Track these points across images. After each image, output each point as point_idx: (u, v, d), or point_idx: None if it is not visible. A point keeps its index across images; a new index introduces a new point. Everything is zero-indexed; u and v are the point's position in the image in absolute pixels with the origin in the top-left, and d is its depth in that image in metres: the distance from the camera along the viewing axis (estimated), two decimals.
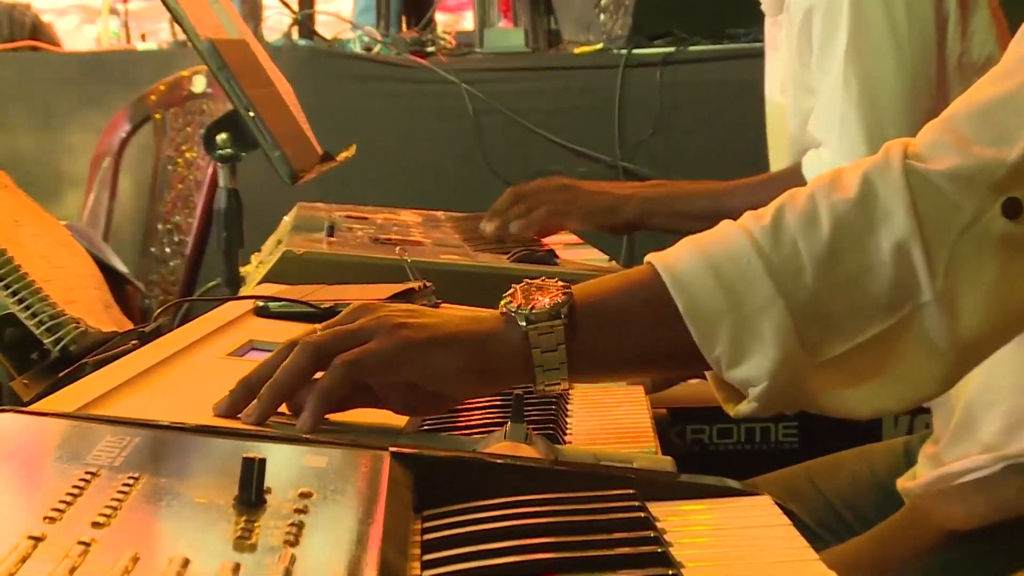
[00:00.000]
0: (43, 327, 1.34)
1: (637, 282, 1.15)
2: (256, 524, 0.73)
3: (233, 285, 2.43)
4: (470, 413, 1.30)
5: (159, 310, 1.53)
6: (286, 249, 2.08)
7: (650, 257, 1.17)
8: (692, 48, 4.26)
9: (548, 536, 0.78)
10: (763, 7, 2.64)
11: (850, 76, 2.33)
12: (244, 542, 0.70)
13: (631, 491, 0.88)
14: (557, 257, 2.23)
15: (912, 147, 1.15)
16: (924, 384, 1.10)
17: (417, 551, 0.79)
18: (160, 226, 3.49)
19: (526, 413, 1.14)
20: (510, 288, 1.20)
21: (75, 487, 0.75)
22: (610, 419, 1.33)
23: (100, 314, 1.46)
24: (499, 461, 0.95)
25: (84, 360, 1.31)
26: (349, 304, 1.61)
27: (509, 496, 0.87)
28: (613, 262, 2.33)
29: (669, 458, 1.11)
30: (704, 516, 0.89)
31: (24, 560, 0.63)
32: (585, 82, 4.31)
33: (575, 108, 4.27)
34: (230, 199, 2.45)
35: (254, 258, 2.56)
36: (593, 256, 2.40)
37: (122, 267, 3.10)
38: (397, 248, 2.06)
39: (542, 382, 1.14)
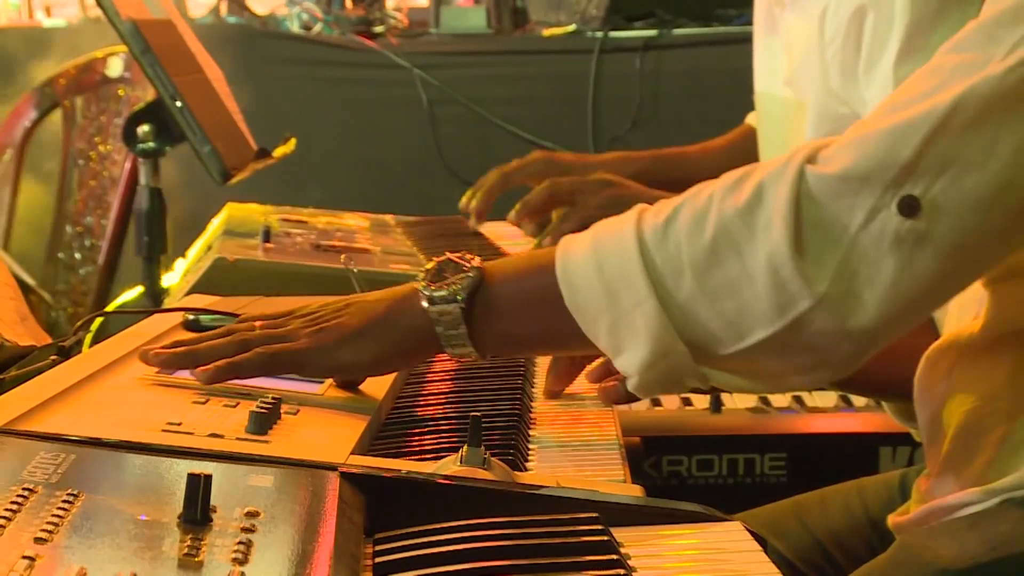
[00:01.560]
0: None
1: (540, 267, 1.36)
2: (203, 542, 0.82)
3: (155, 296, 2.50)
4: (423, 437, 1.38)
5: (80, 323, 1.61)
6: (217, 256, 2.16)
7: (563, 240, 1.37)
8: (676, 31, 4.34)
9: (506, 559, 0.87)
10: None
11: (901, 82, 2.43)
12: (191, 559, 0.79)
13: (593, 515, 0.97)
14: None
15: (822, 150, 1.30)
16: (826, 368, 1.29)
17: (369, 575, 0.88)
18: (69, 228, 3.55)
19: (485, 436, 1.23)
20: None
21: (13, 503, 0.83)
22: (576, 445, 1.42)
23: (16, 326, 1.54)
24: (455, 483, 1.04)
25: (1, 376, 1.39)
26: None
27: (465, 520, 0.95)
28: None
29: (638, 487, 1.20)
30: (672, 542, 0.98)
31: None
32: (555, 69, 4.38)
33: (544, 98, 4.34)
34: (152, 198, 2.51)
35: (178, 265, 2.64)
36: None
37: (25, 276, 3.17)
38: (342, 256, 2.14)
39: (452, 355, 1.40)
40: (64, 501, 0.86)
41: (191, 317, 1.73)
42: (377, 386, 1.51)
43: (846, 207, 1.25)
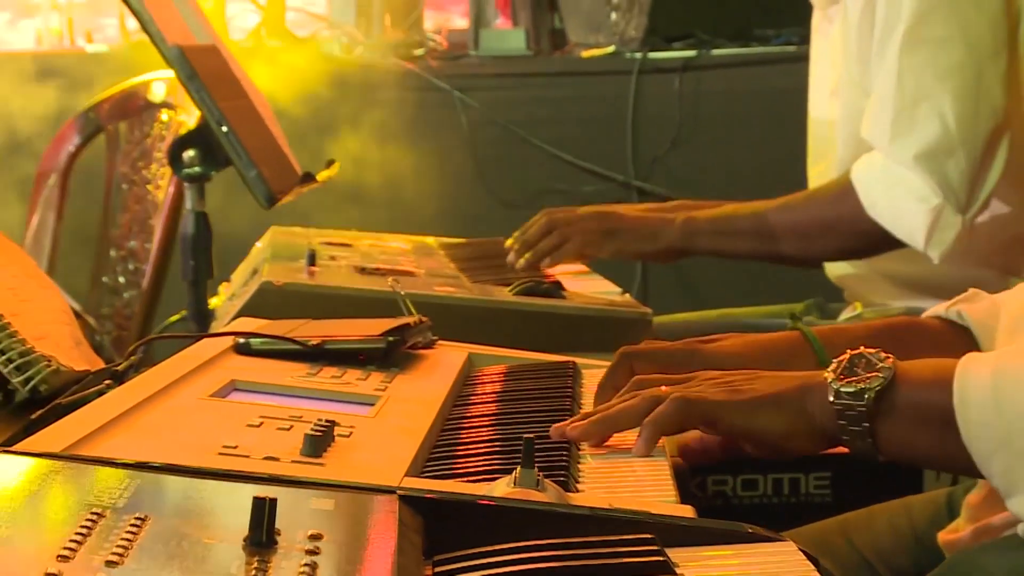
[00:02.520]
0: (11, 365, 1.45)
1: (944, 382, 1.37)
2: (269, 564, 0.84)
3: (201, 319, 2.53)
4: (474, 459, 1.40)
5: (133, 347, 1.64)
6: (264, 280, 2.18)
7: (964, 361, 1.38)
8: (715, 52, 4.37)
9: None
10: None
11: (905, 72, 2.44)
12: None
13: (649, 535, 0.99)
14: (564, 289, 2.33)
15: None
16: None
17: None
18: (113, 252, 3.57)
19: (536, 458, 1.25)
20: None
21: (83, 527, 0.85)
22: (626, 467, 1.44)
23: (71, 351, 1.56)
24: (511, 505, 1.05)
25: (57, 400, 1.42)
26: (339, 340, 1.74)
27: (521, 541, 0.97)
28: (626, 295, 2.44)
29: (689, 507, 1.22)
30: (725, 562, 1.00)
31: None
32: (594, 90, 4.41)
33: (583, 119, 4.36)
34: (198, 223, 2.54)
35: (223, 289, 2.66)
36: (603, 288, 2.50)
37: (70, 300, 3.20)
38: (389, 279, 2.16)
39: (850, 448, 1.41)
40: (132, 525, 0.88)
41: (242, 341, 1.76)
42: (427, 408, 1.53)
43: None
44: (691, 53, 4.35)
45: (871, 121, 2.53)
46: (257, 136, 2.56)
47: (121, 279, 3.54)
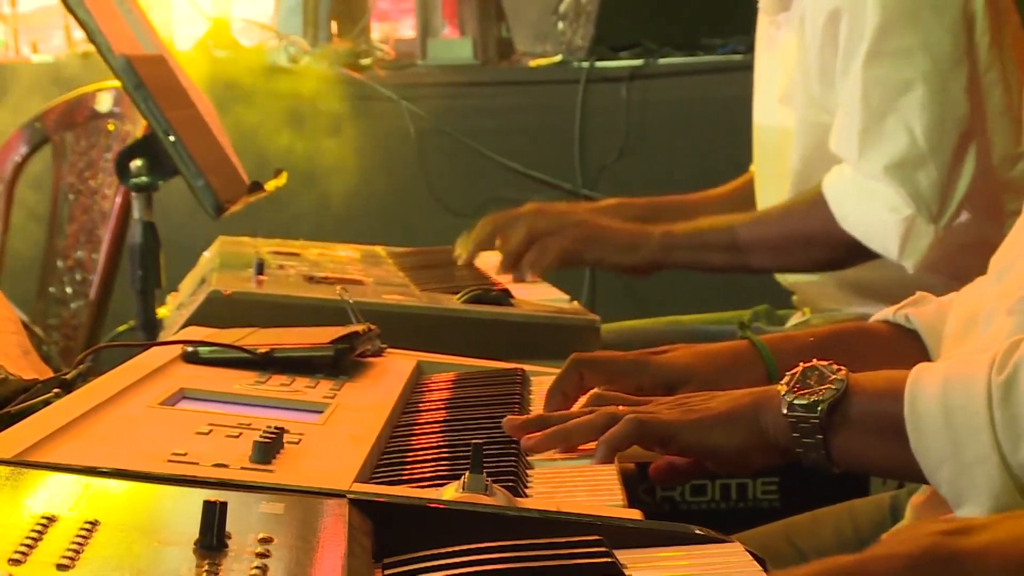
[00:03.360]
0: None
1: (895, 393, 1.39)
2: (219, 567, 0.85)
3: (150, 329, 2.53)
4: (423, 464, 1.41)
5: (82, 355, 1.64)
6: (212, 289, 2.18)
7: (915, 371, 1.40)
8: (662, 61, 4.39)
9: None
10: (760, 3, 2.77)
11: (870, 85, 2.47)
12: None
13: (597, 537, 1.00)
14: (512, 297, 2.34)
15: None
16: None
17: None
18: (60, 263, 3.56)
19: (484, 463, 1.26)
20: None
21: (34, 531, 0.86)
22: (574, 473, 1.45)
23: (19, 360, 1.57)
24: (459, 508, 1.06)
25: (6, 409, 1.42)
26: (288, 348, 1.74)
27: (470, 544, 0.98)
28: (575, 302, 2.45)
29: (637, 511, 1.23)
30: (674, 563, 1.01)
31: None
32: (542, 99, 4.43)
33: (531, 128, 4.38)
34: (146, 233, 2.54)
35: (171, 299, 2.66)
36: (552, 295, 2.51)
37: (17, 311, 3.18)
38: (337, 288, 2.17)
39: (803, 460, 1.43)
40: (83, 530, 0.89)
41: (190, 350, 1.76)
42: (376, 415, 1.54)
43: None
44: (638, 62, 4.37)
45: (838, 135, 2.56)
46: (204, 146, 2.56)
47: (68, 289, 3.53)
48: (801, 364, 1.44)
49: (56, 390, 1.53)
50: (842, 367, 1.42)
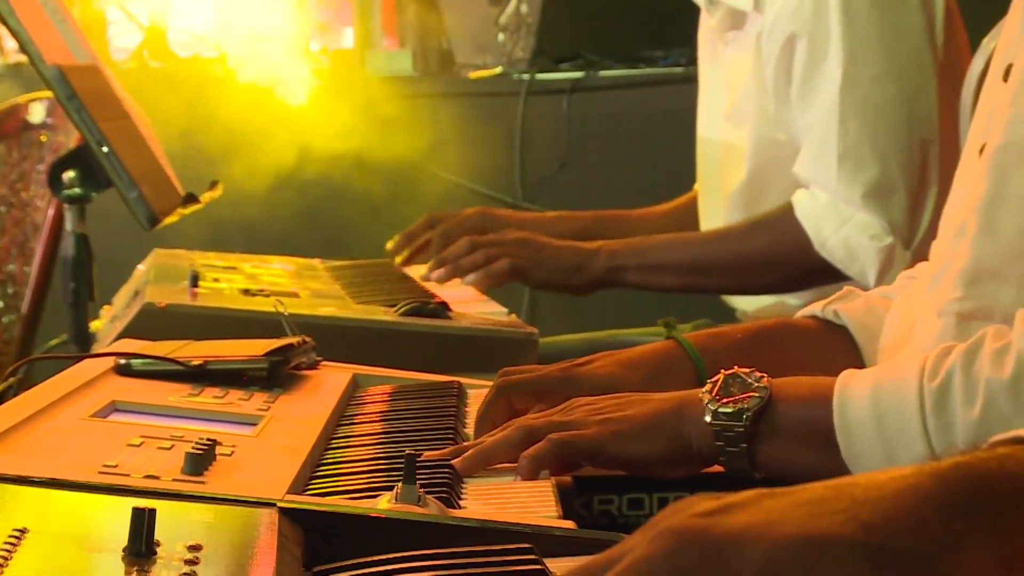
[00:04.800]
0: None
1: (822, 399, 1.40)
2: (148, 574, 0.86)
3: (82, 342, 2.53)
4: (357, 476, 1.42)
5: (12, 368, 1.65)
6: (146, 301, 2.19)
7: (842, 377, 1.41)
8: (603, 73, 4.42)
9: None
10: (712, 20, 2.79)
11: (847, 111, 2.51)
12: None
13: (527, 545, 1.02)
14: (450, 310, 2.35)
15: None
16: None
17: None
18: None
19: (418, 475, 1.27)
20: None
21: None
22: (508, 487, 1.47)
23: None
24: (389, 516, 1.08)
25: None
26: (222, 361, 1.75)
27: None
28: (513, 316, 2.46)
29: (571, 522, 1.25)
30: None
31: None
32: (482, 111, 4.45)
33: (471, 140, 4.39)
34: (79, 245, 2.54)
35: (104, 312, 2.67)
36: (490, 309, 2.53)
37: None
38: (272, 299, 2.18)
39: (727, 467, 1.43)
40: (12, 537, 0.90)
41: (123, 362, 1.76)
42: (310, 428, 1.55)
43: None
44: (579, 74, 4.40)
45: (810, 159, 2.59)
46: (139, 157, 2.57)
47: (0, 303, 3.53)
48: (722, 372, 1.45)
49: None
50: (764, 374, 1.44)
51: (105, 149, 2.41)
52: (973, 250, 1.55)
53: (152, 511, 0.91)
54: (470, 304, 2.56)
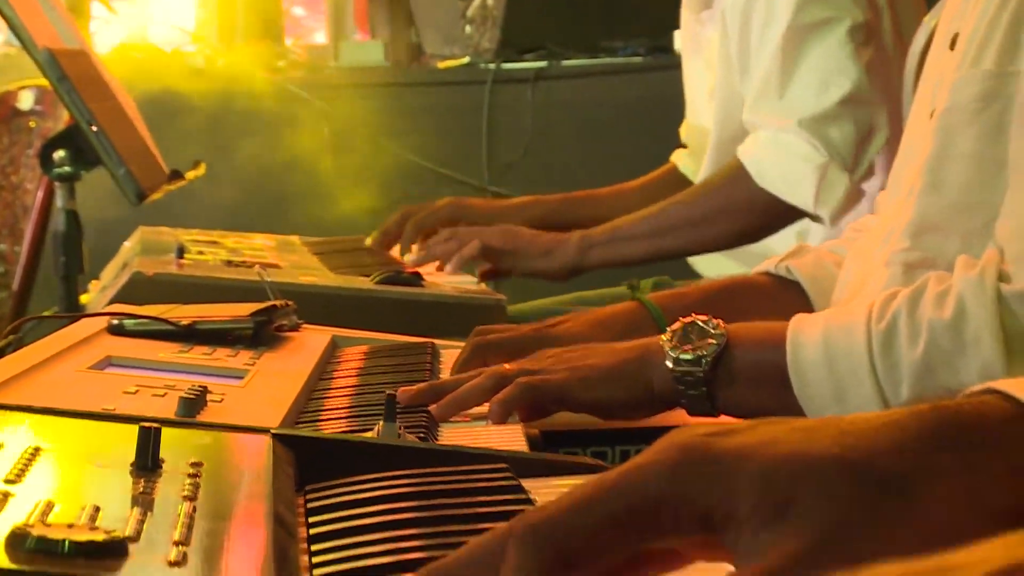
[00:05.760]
0: None
1: (776, 343, 1.44)
2: (154, 486, 0.90)
3: (73, 313, 2.54)
4: (340, 420, 1.45)
5: (11, 326, 1.67)
6: (135, 271, 2.21)
7: (794, 321, 1.45)
8: (565, 63, 4.44)
9: (427, 500, 0.95)
10: (684, 1, 2.80)
11: (788, 54, 2.52)
12: (146, 496, 0.87)
13: (502, 465, 1.05)
14: (423, 279, 2.38)
15: (1003, 265, 1.40)
16: None
17: (301, 519, 0.96)
18: None
19: (397, 417, 1.31)
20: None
21: None
22: (482, 430, 1.50)
23: None
24: (375, 442, 1.12)
25: None
26: (209, 321, 1.78)
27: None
28: (482, 284, 2.50)
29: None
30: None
31: None
32: (450, 99, 4.46)
33: (439, 127, 4.42)
34: (69, 221, 2.56)
35: (93, 286, 2.69)
36: (460, 278, 2.56)
37: None
38: (255, 266, 2.20)
39: (688, 411, 1.47)
40: (29, 454, 0.93)
41: (116, 322, 1.79)
42: (294, 380, 1.58)
43: None
44: (542, 64, 4.42)
45: (753, 103, 2.58)
46: (125, 136, 2.59)
47: None
48: (681, 320, 1.48)
49: None
50: (720, 321, 1.47)
51: (94, 128, 2.43)
52: (919, 205, 1.58)
53: (157, 429, 0.94)
54: (441, 274, 2.59)
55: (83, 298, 2.61)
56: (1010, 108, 1.48)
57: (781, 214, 2.59)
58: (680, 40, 3.00)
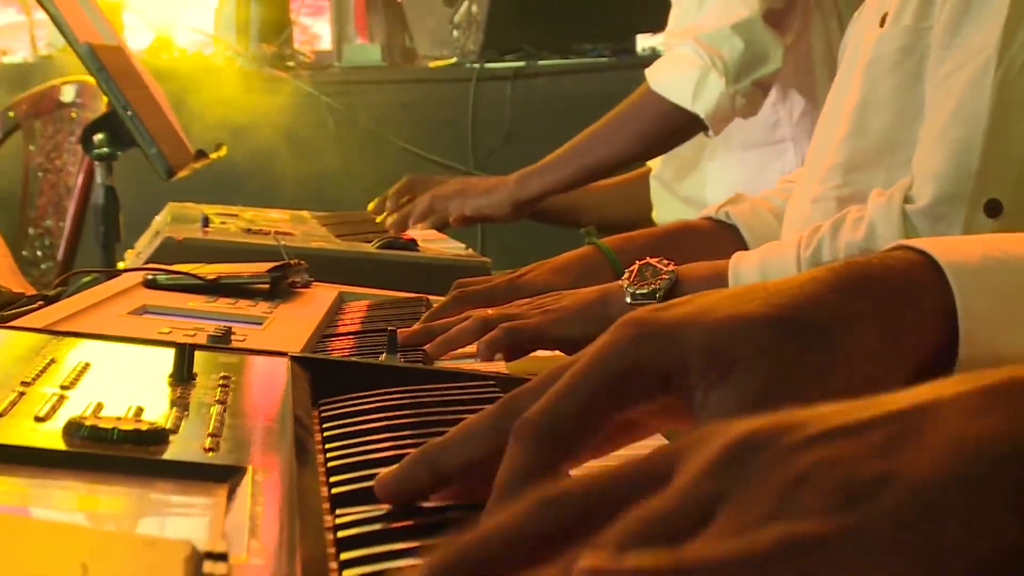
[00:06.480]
0: None
1: (716, 276, 1.47)
2: (190, 392, 0.91)
3: (112, 278, 2.55)
4: (345, 351, 1.47)
5: (61, 277, 1.68)
6: (166, 236, 2.22)
7: (735, 256, 1.48)
8: (541, 63, 4.45)
9: (428, 408, 0.96)
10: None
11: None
12: (183, 399, 0.88)
13: (492, 382, 1.07)
14: (418, 245, 2.39)
15: (909, 189, 1.44)
16: None
17: (317, 426, 0.97)
18: (31, 230, 3.58)
19: (399, 351, 1.32)
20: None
21: (40, 370, 0.92)
22: (469, 365, 1.51)
23: (10, 277, 1.61)
24: (383, 364, 1.13)
25: (1, 313, 1.46)
26: (231, 276, 1.79)
27: None
28: (469, 249, 2.51)
29: None
30: None
31: (14, 403, 0.80)
32: (440, 94, 4.47)
33: (430, 119, 4.43)
34: (107, 195, 2.58)
35: (129, 254, 2.69)
36: (451, 245, 2.57)
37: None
38: (272, 231, 2.21)
39: None
40: (80, 369, 0.94)
41: (150, 277, 1.80)
42: (307, 325, 1.59)
43: (945, 228, 1.37)
44: (520, 64, 4.43)
45: (675, 23, 2.58)
46: (156, 120, 2.60)
47: (39, 253, 3.55)
48: (636, 262, 1.51)
49: (40, 302, 1.57)
50: (671, 261, 1.49)
51: (129, 113, 2.44)
52: (847, 147, 1.61)
53: (192, 346, 0.95)
54: (434, 241, 2.61)
55: (120, 265, 2.62)
56: (926, 58, 1.51)
57: (675, 119, 2.54)
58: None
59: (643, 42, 4.32)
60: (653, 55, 4.07)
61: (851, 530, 0.45)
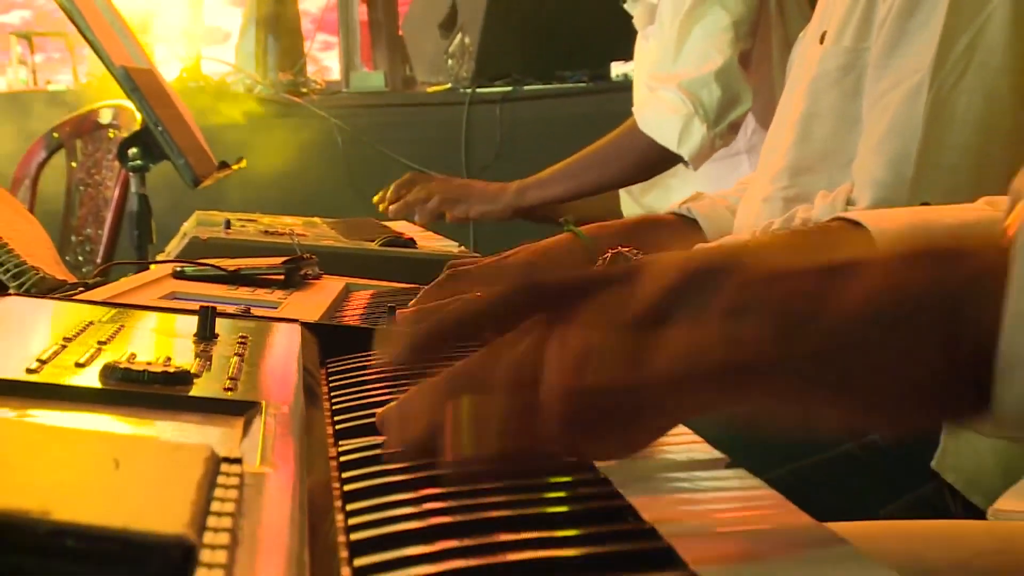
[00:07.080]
0: (8, 274, 1.51)
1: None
2: (212, 347, 0.93)
3: (147, 260, 2.57)
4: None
5: (97, 268, 1.69)
6: (193, 236, 2.24)
7: (694, 249, 1.44)
8: (527, 88, 4.46)
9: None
10: (634, 21, 2.81)
11: (684, 28, 2.53)
12: (206, 353, 0.90)
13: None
14: (416, 243, 2.41)
15: (851, 192, 1.45)
16: None
17: (323, 378, 0.99)
18: (73, 238, 3.59)
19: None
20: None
21: (80, 329, 0.93)
22: None
23: (53, 267, 1.62)
24: (381, 328, 1.14)
25: (45, 298, 1.48)
26: (250, 268, 1.81)
27: None
28: (462, 247, 2.52)
29: None
30: None
31: (57, 353, 0.82)
32: (437, 117, 4.48)
33: (428, 139, 4.44)
34: (141, 203, 2.60)
35: (160, 257, 2.71)
36: (446, 243, 2.59)
37: None
38: (286, 236, 2.23)
39: None
40: (115, 329, 0.96)
41: (179, 268, 1.82)
42: (318, 310, 1.61)
43: None
44: (509, 89, 4.44)
45: (654, 66, 2.60)
46: (184, 135, 2.62)
47: (80, 258, 3.57)
48: (610, 250, 1.51)
49: (81, 288, 1.59)
50: (640, 251, 1.50)
51: (160, 128, 2.45)
52: (793, 153, 1.63)
53: (214, 308, 0.97)
54: (430, 240, 2.62)
55: (152, 267, 2.63)
56: (864, 76, 1.53)
57: (659, 154, 2.58)
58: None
59: (616, 69, 4.33)
60: (625, 80, 4.08)
61: (778, 360, 0.47)
